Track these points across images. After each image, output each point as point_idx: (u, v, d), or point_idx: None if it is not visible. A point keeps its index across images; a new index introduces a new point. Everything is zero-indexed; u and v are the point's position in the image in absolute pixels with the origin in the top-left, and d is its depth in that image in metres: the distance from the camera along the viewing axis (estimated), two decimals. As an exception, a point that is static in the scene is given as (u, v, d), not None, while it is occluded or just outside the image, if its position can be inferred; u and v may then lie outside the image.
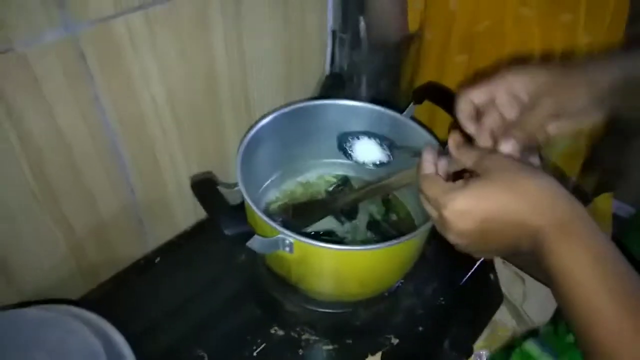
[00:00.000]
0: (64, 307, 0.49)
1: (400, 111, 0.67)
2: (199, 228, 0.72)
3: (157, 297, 0.60)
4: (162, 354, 0.54)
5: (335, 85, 0.82)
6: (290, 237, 0.48)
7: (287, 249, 0.50)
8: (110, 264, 0.70)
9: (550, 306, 0.69)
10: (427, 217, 0.59)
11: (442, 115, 0.66)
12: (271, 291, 0.61)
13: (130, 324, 0.52)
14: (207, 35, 0.63)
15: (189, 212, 0.77)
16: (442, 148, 0.59)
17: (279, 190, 0.71)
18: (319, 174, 0.74)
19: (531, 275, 0.70)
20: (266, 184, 0.69)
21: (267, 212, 0.68)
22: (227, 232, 0.45)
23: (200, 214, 0.77)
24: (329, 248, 0.48)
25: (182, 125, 0.67)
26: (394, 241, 0.49)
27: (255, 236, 0.47)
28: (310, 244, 0.48)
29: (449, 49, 0.77)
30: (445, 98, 0.62)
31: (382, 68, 0.88)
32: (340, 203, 0.66)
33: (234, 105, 0.73)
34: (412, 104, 0.67)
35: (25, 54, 0.48)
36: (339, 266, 0.52)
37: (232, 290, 0.61)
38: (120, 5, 0.53)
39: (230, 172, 0.77)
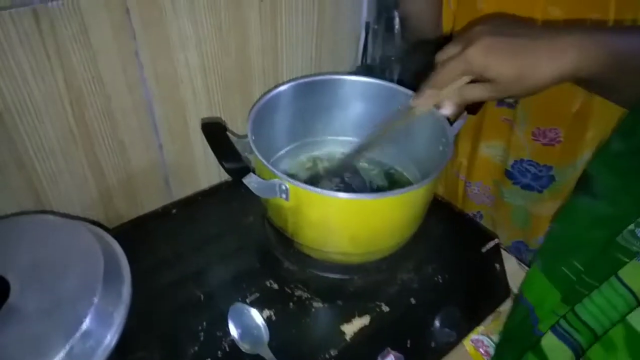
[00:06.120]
0: (78, 221, 0.54)
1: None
2: (217, 189, 0.77)
3: (168, 241, 0.64)
4: (163, 288, 0.58)
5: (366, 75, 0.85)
6: (286, 181, 0.51)
7: (284, 195, 0.52)
8: (135, 216, 0.75)
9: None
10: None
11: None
12: (273, 250, 0.63)
13: (138, 258, 0.56)
14: (243, 11, 0.68)
15: (213, 179, 0.81)
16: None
17: (291, 161, 0.74)
18: (329, 151, 0.76)
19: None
20: (279, 154, 0.72)
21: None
22: (226, 165, 0.48)
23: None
24: (322, 194, 0.50)
25: (213, 93, 0.73)
26: (394, 191, 0.50)
27: (252, 174, 0.50)
28: (304, 188, 0.50)
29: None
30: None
31: (415, 65, 0.90)
32: (345, 160, 0.69)
33: (264, 82, 0.78)
34: None
35: (79, 3, 0.55)
36: (331, 215, 0.54)
37: (237, 244, 0.64)
38: (166, -31, 0.59)
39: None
